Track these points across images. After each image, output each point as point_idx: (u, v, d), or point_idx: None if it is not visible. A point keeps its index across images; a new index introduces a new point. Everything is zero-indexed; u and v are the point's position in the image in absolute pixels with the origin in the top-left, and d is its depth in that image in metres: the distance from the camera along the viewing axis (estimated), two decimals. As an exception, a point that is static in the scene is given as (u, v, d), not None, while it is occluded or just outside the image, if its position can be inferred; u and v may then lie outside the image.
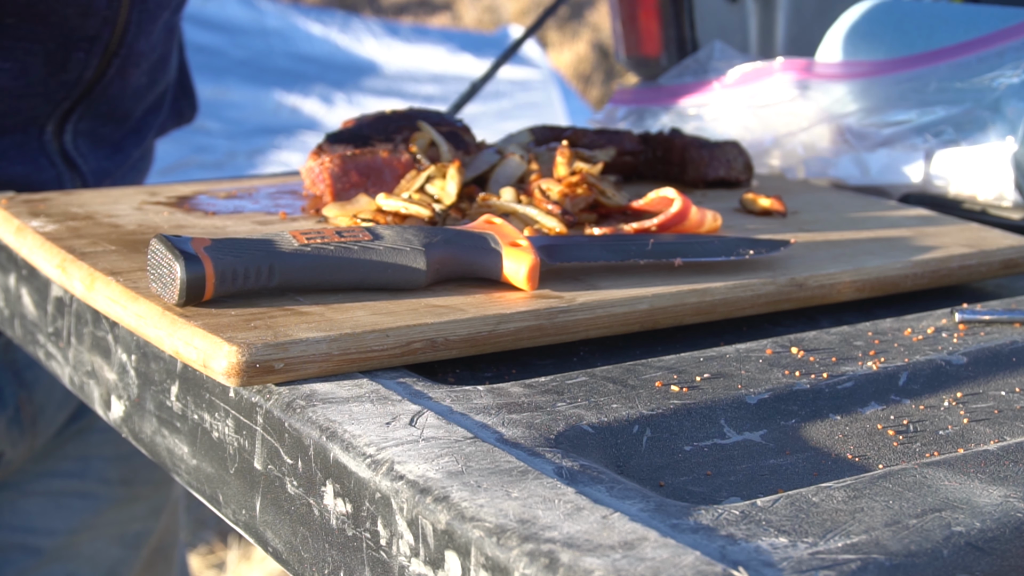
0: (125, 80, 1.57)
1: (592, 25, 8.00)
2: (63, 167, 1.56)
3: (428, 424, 0.84)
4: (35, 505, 1.72)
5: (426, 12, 8.41)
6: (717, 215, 1.23)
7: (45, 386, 1.63)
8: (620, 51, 2.24)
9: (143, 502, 1.82)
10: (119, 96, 1.58)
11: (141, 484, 1.80)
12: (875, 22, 1.72)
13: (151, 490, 1.82)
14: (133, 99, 1.61)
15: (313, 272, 1.00)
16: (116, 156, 1.64)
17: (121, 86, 1.57)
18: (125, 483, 1.78)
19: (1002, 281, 1.30)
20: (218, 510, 0.97)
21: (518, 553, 0.68)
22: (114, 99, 1.58)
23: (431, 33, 6.61)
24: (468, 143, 1.33)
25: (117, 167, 1.65)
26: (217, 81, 5.51)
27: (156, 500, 1.84)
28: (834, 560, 0.68)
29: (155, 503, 1.84)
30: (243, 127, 5.36)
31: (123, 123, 1.63)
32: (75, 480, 1.74)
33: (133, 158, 1.69)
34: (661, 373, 0.95)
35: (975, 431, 0.92)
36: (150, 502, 1.83)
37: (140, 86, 1.61)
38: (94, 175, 1.60)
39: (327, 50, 6.07)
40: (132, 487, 1.79)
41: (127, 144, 1.66)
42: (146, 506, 1.82)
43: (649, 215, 1.23)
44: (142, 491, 1.81)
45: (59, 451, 1.72)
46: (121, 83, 1.56)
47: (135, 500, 1.81)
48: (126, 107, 1.61)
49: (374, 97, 5.65)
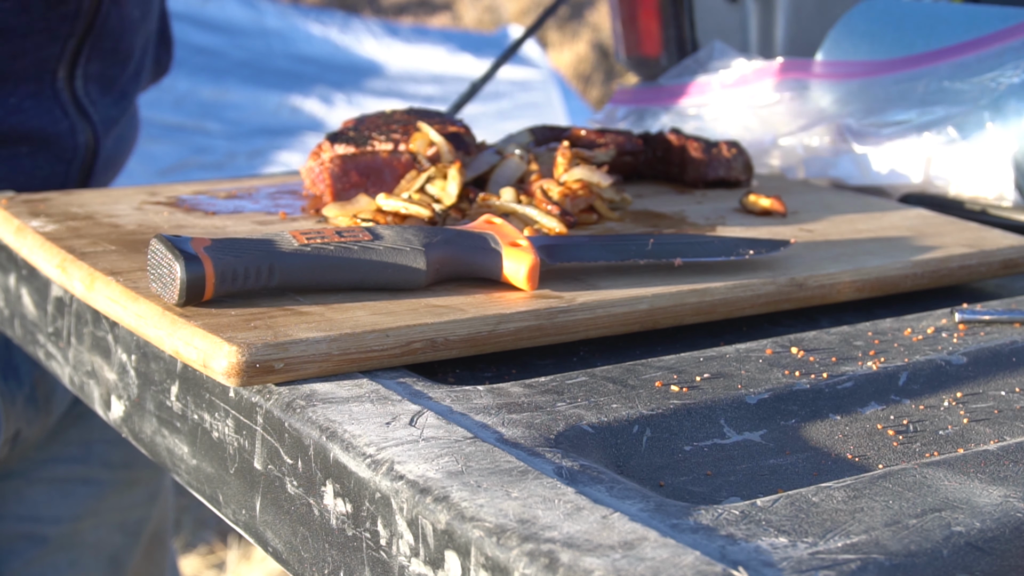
0: (120, 10, 1.61)
1: (592, 25, 8.00)
2: (76, 116, 1.60)
3: (428, 424, 0.84)
4: (40, 493, 1.74)
5: (426, 12, 8.41)
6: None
7: None
8: (620, 51, 2.24)
9: (142, 487, 1.85)
10: (118, 30, 1.63)
11: (141, 467, 1.82)
12: (875, 22, 1.72)
13: (150, 474, 1.85)
14: (131, 32, 1.66)
15: (313, 272, 1.00)
16: (121, 103, 1.69)
17: (118, 17, 1.61)
18: (127, 466, 1.80)
19: (1002, 281, 1.30)
20: (218, 510, 0.97)
21: (518, 553, 0.68)
22: (114, 33, 1.62)
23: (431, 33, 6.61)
24: (468, 143, 1.33)
25: (122, 114, 1.70)
26: (217, 82, 5.51)
27: (154, 485, 1.86)
28: (834, 560, 0.68)
29: (152, 488, 1.86)
30: (243, 128, 5.36)
31: (127, 62, 1.68)
32: (79, 466, 1.77)
33: (133, 107, 1.75)
34: (661, 373, 0.95)
35: (975, 431, 0.92)
36: (148, 487, 1.86)
37: (134, 19, 1.66)
38: (103, 123, 1.65)
39: (327, 50, 6.07)
40: (133, 470, 1.82)
41: (129, 89, 1.71)
42: (144, 491, 1.85)
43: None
44: (142, 474, 1.83)
45: (62, 436, 1.74)
46: (117, 13, 1.61)
47: (135, 484, 1.83)
48: (127, 42, 1.66)
49: (374, 97, 5.64)
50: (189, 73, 5.28)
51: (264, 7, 6.16)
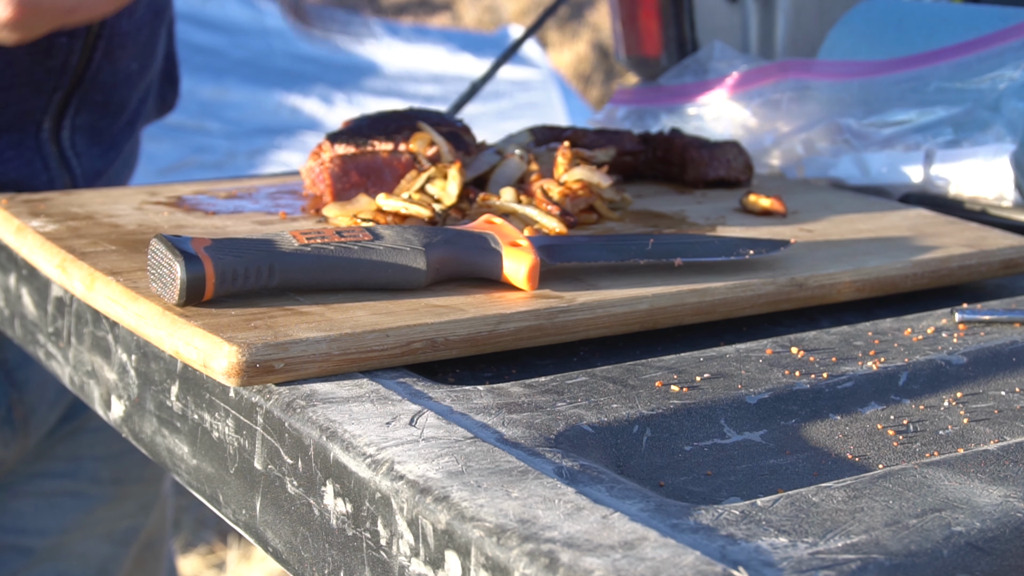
0: (114, 65, 1.55)
1: (592, 25, 8.00)
2: (57, 168, 1.55)
3: (428, 424, 0.84)
4: (27, 506, 1.72)
5: (426, 12, 8.41)
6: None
7: (37, 386, 1.63)
8: (620, 51, 2.24)
9: (133, 500, 1.82)
10: (111, 83, 1.57)
11: (132, 483, 1.80)
12: (875, 22, 1.72)
13: (141, 488, 1.82)
14: (126, 86, 1.60)
15: (313, 272, 1.00)
16: (110, 153, 1.64)
17: (111, 71, 1.56)
18: (116, 482, 1.78)
19: (1002, 281, 1.30)
20: (218, 510, 0.97)
21: (518, 553, 0.68)
22: (107, 87, 1.57)
23: (431, 33, 6.61)
24: (468, 143, 1.33)
25: (109, 165, 1.64)
26: (217, 81, 5.51)
27: (146, 497, 1.84)
28: (834, 560, 0.68)
29: (145, 500, 1.84)
30: (243, 127, 5.36)
31: (119, 114, 1.62)
32: (67, 480, 1.74)
33: (124, 153, 1.69)
34: (661, 373, 0.95)
35: (975, 431, 0.92)
36: (140, 500, 1.83)
37: (131, 72, 1.60)
38: (86, 177, 1.59)
39: (327, 50, 6.07)
40: (123, 486, 1.79)
41: (121, 139, 1.65)
42: (136, 504, 1.82)
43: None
44: (132, 489, 1.81)
45: (51, 452, 1.71)
46: (110, 68, 1.55)
47: (126, 498, 1.81)
48: (120, 96, 1.60)
49: (374, 97, 5.65)
50: (189, 73, 5.27)
51: (264, 7, 6.16)
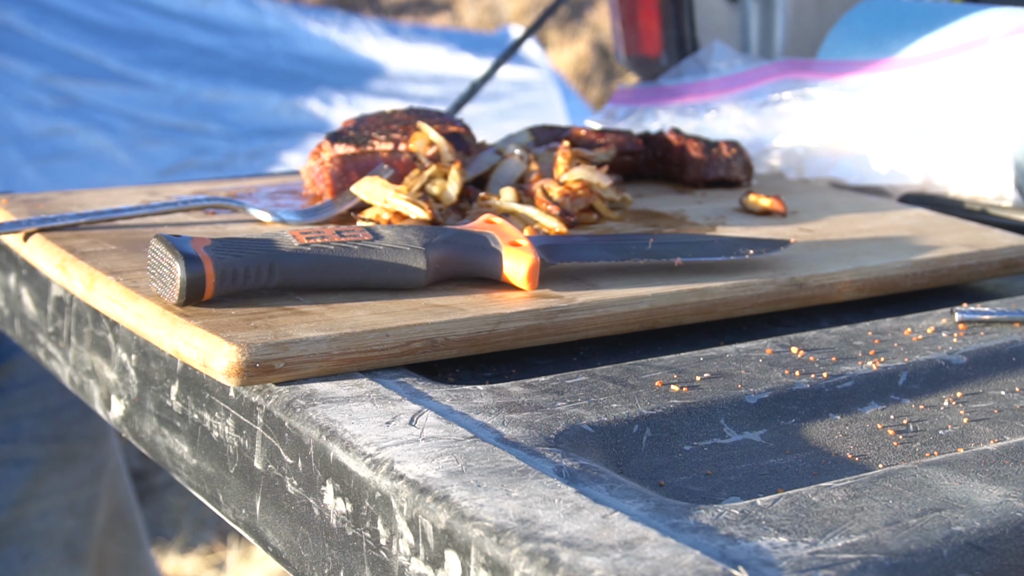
0: None
1: (592, 25, 8.00)
2: None
3: (428, 424, 0.84)
4: None
5: (426, 12, 8.41)
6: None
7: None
8: (620, 51, 2.24)
9: (83, 462, 1.76)
10: None
11: (75, 439, 1.74)
12: (875, 22, 1.72)
13: (88, 447, 1.76)
14: None
15: (313, 272, 1.00)
16: None
17: None
18: (60, 439, 1.72)
19: (1002, 281, 1.30)
20: (218, 510, 0.97)
21: (518, 552, 0.68)
22: None
23: (431, 33, 6.60)
24: (468, 143, 1.33)
25: None
26: (217, 82, 5.50)
27: (95, 459, 1.78)
28: (834, 560, 0.68)
29: (95, 463, 1.77)
30: (243, 128, 5.35)
31: None
32: (7, 445, 1.68)
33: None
34: (661, 373, 0.95)
35: (975, 431, 0.92)
36: (90, 462, 1.77)
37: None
38: None
39: (327, 50, 6.07)
40: (67, 443, 1.73)
41: None
42: (87, 467, 1.77)
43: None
44: (79, 447, 1.74)
45: None
46: None
47: (73, 460, 1.74)
48: None
49: (374, 97, 5.64)
50: (189, 74, 5.27)
51: (264, 7, 6.16)
